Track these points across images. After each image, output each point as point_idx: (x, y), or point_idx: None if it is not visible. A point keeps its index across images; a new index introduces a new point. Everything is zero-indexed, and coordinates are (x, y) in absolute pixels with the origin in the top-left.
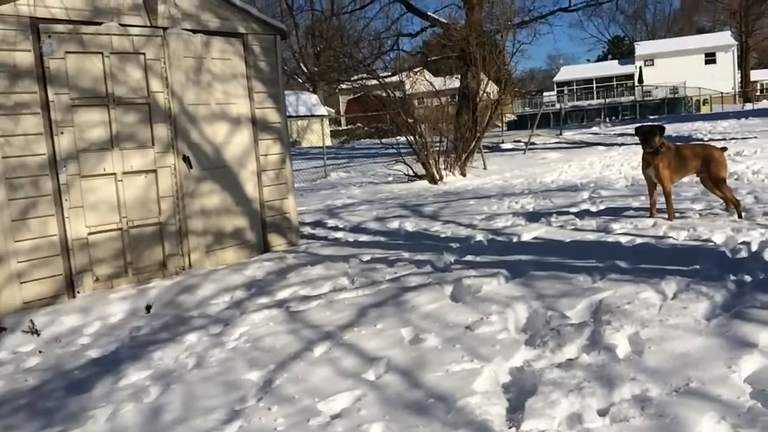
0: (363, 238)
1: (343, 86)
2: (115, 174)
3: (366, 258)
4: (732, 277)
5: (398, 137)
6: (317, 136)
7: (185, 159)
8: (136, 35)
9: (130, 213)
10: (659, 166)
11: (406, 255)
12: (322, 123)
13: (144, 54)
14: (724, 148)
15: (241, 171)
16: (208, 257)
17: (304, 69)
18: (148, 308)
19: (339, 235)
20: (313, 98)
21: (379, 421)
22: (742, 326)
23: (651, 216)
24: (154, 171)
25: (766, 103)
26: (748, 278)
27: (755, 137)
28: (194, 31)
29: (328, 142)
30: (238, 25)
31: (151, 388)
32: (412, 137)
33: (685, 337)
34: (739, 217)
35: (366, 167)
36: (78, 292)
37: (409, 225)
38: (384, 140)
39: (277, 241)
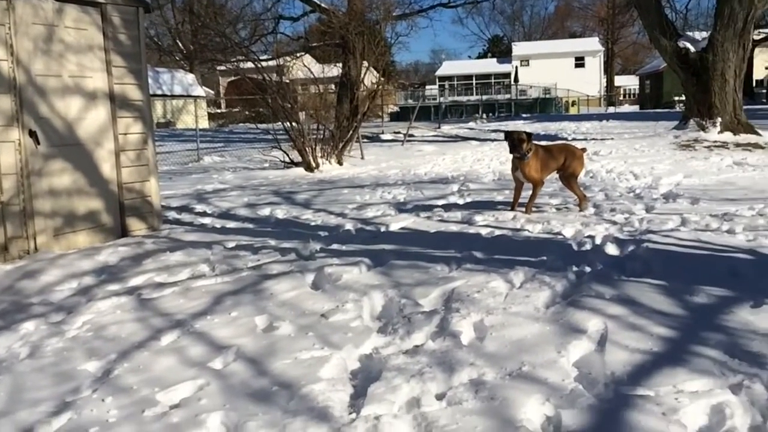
0: (230, 224)
1: (221, 67)
2: None
3: (231, 245)
4: (574, 268)
5: (276, 123)
6: (193, 117)
7: (32, 134)
8: None
9: None
10: (526, 170)
11: (272, 242)
12: (195, 104)
13: None
14: (584, 149)
15: (97, 150)
16: (57, 241)
17: (180, 46)
18: None
19: (206, 220)
20: (190, 77)
21: (218, 410)
22: (575, 314)
23: (512, 209)
24: None
25: (627, 107)
26: (587, 269)
27: (612, 139)
28: None
29: (205, 124)
30: None
31: None
32: (289, 123)
33: (524, 324)
34: (581, 211)
35: (242, 152)
36: None
37: (280, 212)
38: (261, 125)
39: (136, 226)
